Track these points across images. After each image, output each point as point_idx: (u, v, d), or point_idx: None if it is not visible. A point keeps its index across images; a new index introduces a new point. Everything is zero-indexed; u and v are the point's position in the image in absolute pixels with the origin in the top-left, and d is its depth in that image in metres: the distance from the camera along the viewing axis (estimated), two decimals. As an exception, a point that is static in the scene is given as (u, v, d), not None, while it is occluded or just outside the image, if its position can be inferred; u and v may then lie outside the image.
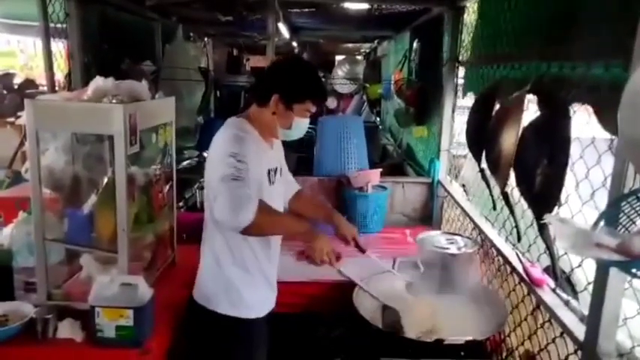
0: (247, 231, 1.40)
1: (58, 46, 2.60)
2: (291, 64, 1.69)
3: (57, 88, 2.59)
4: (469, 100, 2.54)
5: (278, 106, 1.56)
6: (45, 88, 2.80)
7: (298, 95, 1.57)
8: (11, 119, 4.65)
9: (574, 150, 1.35)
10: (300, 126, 1.62)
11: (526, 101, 1.49)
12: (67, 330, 1.56)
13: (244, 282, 1.61)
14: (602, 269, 1.18)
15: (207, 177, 1.56)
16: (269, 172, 1.63)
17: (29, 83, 5.61)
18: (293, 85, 1.58)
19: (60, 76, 2.70)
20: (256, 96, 1.62)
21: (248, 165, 1.45)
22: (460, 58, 2.73)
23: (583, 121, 1.39)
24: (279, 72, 1.63)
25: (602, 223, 1.04)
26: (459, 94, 2.79)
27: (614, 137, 1.18)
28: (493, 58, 2.11)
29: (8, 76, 5.83)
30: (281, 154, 1.79)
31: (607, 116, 1.22)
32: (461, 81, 2.82)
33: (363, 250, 1.86)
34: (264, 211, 1.43)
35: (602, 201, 1.18)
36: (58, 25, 2.53)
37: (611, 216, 1.05)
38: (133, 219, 1.72)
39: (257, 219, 1.38)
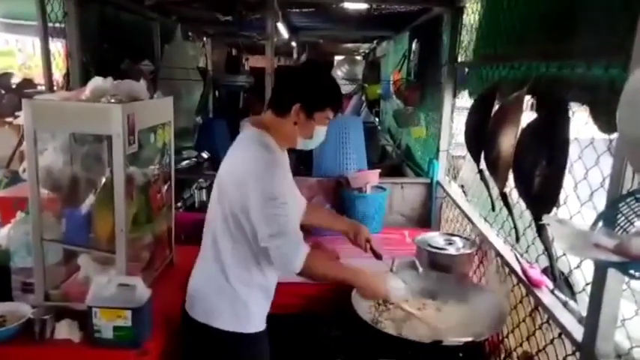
0: (300, 275, 1.49)
1: (57, 46, 2.60)
2: (310, 71, 1.66)
3: (55, 88, 2.59)
4: (467, 101, 2.54)
5: (299, 115, 1.53)
6: (43, 88, 2.79)
7: (320, 103, 1.55)
8: (9, 119, 4.64)
9: (573, 150, 1.35)
10: (319, 134, 1.60)
11: (526, 102, 1.49)
12: (65, 330, 1.55)
13: (251, 297, 1.57)
14: (601, 270, 1.18)
15: (233, 195, 1.49)
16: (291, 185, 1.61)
17: (27, 83, 5.58)
18: (314, 94, 1.55)
19: (58, 75, 2.70)
20: (275, 106, 1.58)
21: (286, 200, 1.46)
22: (459, 58, 2.72)
23: (582, 121, 1.39)
24: (299, 81, 1.59)
25: (600, 224, 1.04)
26: (464, 93, 2.77)
27: (612, 138, 1.18)
28: (492, 58, 2.11)
29: (6, 76, 5.80)
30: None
31: (603, 116, 1.22)
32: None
33: (379, 257, 1.85)
34: (316, 261, 1.51)
35: (601, 202, 1.19)
36: (57, 25, 2.52)
37: (609, 217, 1.05)
38: (132, 219, 1.72)
39: (305, 270, 1.48)
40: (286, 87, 1.60)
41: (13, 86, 5.62)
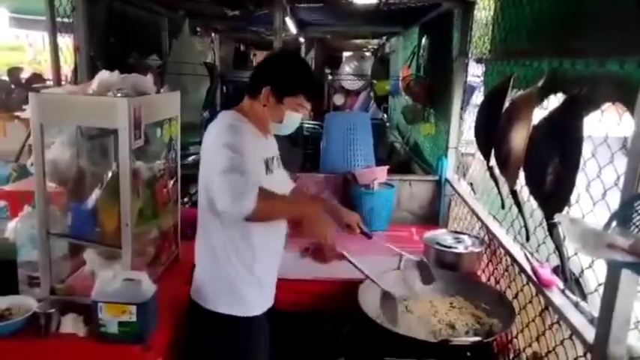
0: (251, 218, 1.40)
1: (65, 41, 2.60)
2: (284, 56, 1.69)
3: (64, 83, 2.59)
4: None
5: (269, 98, 1.55)
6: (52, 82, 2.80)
7: (290, 88, 1.56)
8: (19, 113, 4.68)
9: (585, 148, 1.32)
10: (291, 120, 1.60)
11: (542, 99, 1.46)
12: (70, 325, 1.55)
13: (243, 279, 1.59)
14: (614, 270, 1.15)
15: (203, 170, 1.54)
16: (266, 162, 1.60)
17: (36, 77, 5.62)
18: (285, 78, 1.56)
19: (67, 70, 2.70)
20: (248, 88, 1.61)
21: (244, 153, 1.44)
22: (470, 54, 2.69)
23: (595, 119, 1.36)
24: (272, 64, 1.62)
25: (614, 224, 1.02)
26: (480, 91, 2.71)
27: (626, 136, 1.14)
28: (505, 53, 2.08)
29: (16, 71, 5.85)
30: (275, 145, 1.77)
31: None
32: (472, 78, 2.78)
33: (369, 236, 1.82)
34: (265, 198, 1.42)
35: (615, 201, 1.15)
36: (65, 20, 2.52)
37: (623, 216, 1.02)
38: (137, 214, 1.71)
39: (259, 206, 1.38)
40: (260, 70, 1.63)
41: (23, 81, 5.66)
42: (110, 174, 1.73)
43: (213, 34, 5.60)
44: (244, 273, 1.59)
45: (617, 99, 1.24)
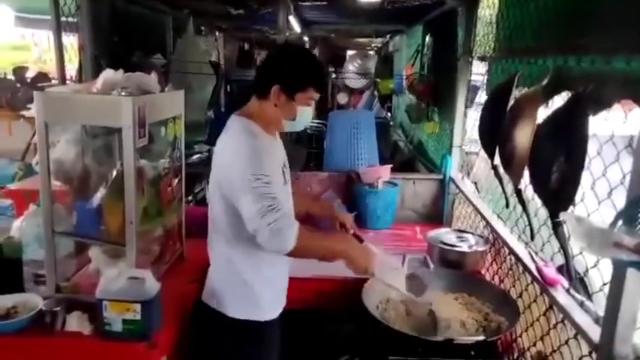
0: (290, 254, 1.45)
1: (70, 40, 2.61)
2: (289, 52, 1.64)
3: (68, 82, 2.60)
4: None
5: (280, 97, 1.52)
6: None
7: (300, 83, 1.53)
8: (24, 112, 4.71)
9: (591, 147, 1.31)
10: (304, 115, 1.58)
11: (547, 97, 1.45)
12: (75, 323, 1.56)
13: (258, 283, 1.58)
14: (620, 270, 1.14)
15: (215, 183, 1.53)
16: (282, 170, 1.60)
17: (42, 76, 5.67)
18: (293, 74, 1.53)
19: (72, 69, 2.71)
20: (255, 89, 1.58)
21: (272, 178, 1.45)
22: (474, 52, 2.67)
23: (601, 117, 1.35)
24: (277, 62, 1.58)
25: (620, 223, 1.01)
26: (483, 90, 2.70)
27: (633, 134, 1.14)
28: (510, 51, 2.07)
29: (21, 70, 5.90)
30: (282, 145, 1.76)
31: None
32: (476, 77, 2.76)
33: (360, 240, 1.84)
34: (306, 237, 1.46)
35: (620, 200, 1.15)
36: (70, 19, 2.53)
37: (630, 215, 1.02)
38: (142, 212, 1.72)
39: (300, 243, 1.43)
40: (265, 69, 1.59)
41: (28, 80, 5.70)
42: (115, 173, 1.74)
43: (217, 33, 5.61)
44: (259, 278, 1.58)
45: (625, 96, 1.22)
